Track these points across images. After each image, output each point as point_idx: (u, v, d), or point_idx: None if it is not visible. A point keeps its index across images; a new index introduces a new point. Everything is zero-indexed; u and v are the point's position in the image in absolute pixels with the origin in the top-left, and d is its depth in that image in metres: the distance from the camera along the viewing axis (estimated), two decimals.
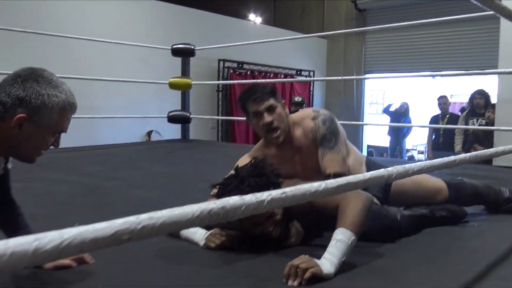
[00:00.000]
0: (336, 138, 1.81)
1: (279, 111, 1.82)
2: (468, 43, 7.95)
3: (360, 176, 0.77)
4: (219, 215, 0.51)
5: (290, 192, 0.61)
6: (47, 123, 1.12)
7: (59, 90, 1.13)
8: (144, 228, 0.44)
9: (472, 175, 3.16)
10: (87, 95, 5.66)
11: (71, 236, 0.39)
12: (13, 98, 1.08)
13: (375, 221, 1.65)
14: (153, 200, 2.42)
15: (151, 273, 1.41)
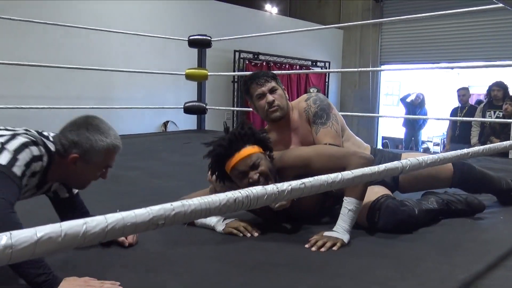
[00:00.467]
0: (328, 114, 1.96)
1: (280, 92, 2.01)
2: (487, 34, 7.84)
3: (375, 168, 0.80)
4: (243, 203, 0.55)
5: (308, 183, 0.65)
6: (95, 161, 1.40)
7: (105, 136, 1.41)
8: (177, 214, 0.49)
9: (488, 167, 3.15)
10: (106, 86, 5.77)
11: (115, 221, 0.44)
12: (70, 142, 1.37)
13: (391, 217, 1.68)
14: (173, 189, 2.48)
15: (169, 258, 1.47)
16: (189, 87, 5.79)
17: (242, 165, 1.64)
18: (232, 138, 1.66)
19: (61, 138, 1.39)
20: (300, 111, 2.02)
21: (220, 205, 0.53)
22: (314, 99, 2.01)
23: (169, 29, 5.99)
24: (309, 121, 1.98)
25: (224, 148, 1.65)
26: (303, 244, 1.57)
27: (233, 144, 1.65)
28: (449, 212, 1.89)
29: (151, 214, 0.47)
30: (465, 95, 6.11)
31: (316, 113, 1.96)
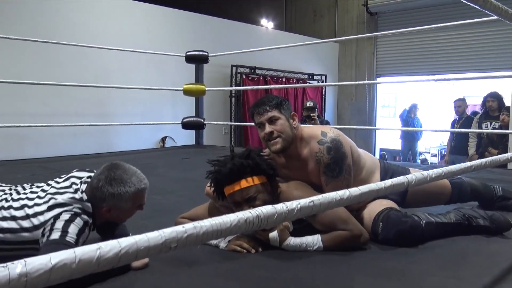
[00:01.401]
0: (341, 167, 1.82)
1: (282, 122, 1.86)
2: (481, 45, 7.90)
3: (381, 184, 0.80)
4: (254, 223, 0.55)
5: (317, 201, 0.65)
6: (126, 207, 1.58)
7: (129, 185, 1.55)
8: (189, 237, 0.48)
9: (486, 178, 3.17)
10: (104, 102, 5.77)
11: (128, 245, 0.44)
12: (98, 199, 1.54)
13: (393, 227, 1.68)
14: (173, 205, 2.47)
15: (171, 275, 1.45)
16: (186, 102, 5.80)
17: (238, 197, 1.66)
18: (233, 168, 1.65)
19: (90, 193, 1.55)
20: (312, 152, 1.86)
21: (231, 226, 0.53)
22: (328, 147, 1.82)
23: (167, 45, 6.03)
24: (319, 166, 1.85)
25: (223, 175, 1.66)
26: (307, 261, 1.56)
27: (232, 175, 1.65)
28: (470, 228, 1.83)
29: (163, 237, 0.47)
30: (461, 106, 6.15)
31: (329, 165, 1.82)
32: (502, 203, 2.26)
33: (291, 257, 1.63)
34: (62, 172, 3.51)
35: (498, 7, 1.13)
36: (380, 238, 1.71)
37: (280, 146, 1.85)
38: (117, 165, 1.60)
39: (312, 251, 1.66)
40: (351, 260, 1.56)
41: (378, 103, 9.64)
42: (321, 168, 1.83)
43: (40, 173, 3.54)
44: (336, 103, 9.76)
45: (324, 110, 9.08)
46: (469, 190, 2.16)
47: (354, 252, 1.63)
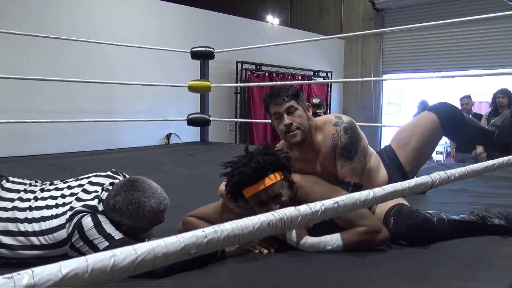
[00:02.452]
0: (356, 148, 1.82)
1: (300, 113, 1.83)
2: (488, 42, 7.83)
3: (405, 184, 0.76)
4: (277, 226, 0.51)
5: (341, 202, 0.61)
6: (145, 227, 1.54)
7: (147, 209, 1.49)
8: (210, 242, 0.45)
9: (496, 176, 3.12)
10: (109, 98, 5.75)
11: (145, 252, 0.40)
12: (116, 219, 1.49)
13: (404, 221, 1.65)
14: (180, 203, 2.43)
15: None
16: (192, 99, 5.77)
17: (264, 195, 1.57)
18: (257, 166, 1.56)
19: (107, 210, 1.51)
20: (327, 135, 1.85)
21: (254, 230, 0.49)
22: (345, 127, 1.83)
23: (172, 41, 5.99)
24: (335, 149, 1.83)
25: (247, 176, 1.56)
26: (320, 262, 1.52)
27: (257, 173, 1.56)
28: (485, 227, 1.78)
29: (182, 242, 0.43)
30: (468, 103, 6.09)
31: (346, 146, 1.81)
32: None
33: (304, 258, 1.59)
34: (66, 169, 3.49)
35: None
36: (391, 233, 1.66)
37: (299, 138, 1.83)
38: (136, 185, 1.51)
39: (327, 250, 1.61)
40: (365, 261, 1.51)
41: (384, 100, 9.58)
42: (338, 150, 1.82)
43: (45, 169, 3.51)
44: (342, 100, 9.71)
45: (330, 107, 9.02)
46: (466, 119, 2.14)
47: (368, 253, 1.58)
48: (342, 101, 9.70)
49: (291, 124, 1.81)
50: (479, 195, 2.64)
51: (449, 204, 2.37)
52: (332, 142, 1.83)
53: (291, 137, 1.83)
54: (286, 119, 1.81)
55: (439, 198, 2.53)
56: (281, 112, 1.82)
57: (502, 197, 2.58)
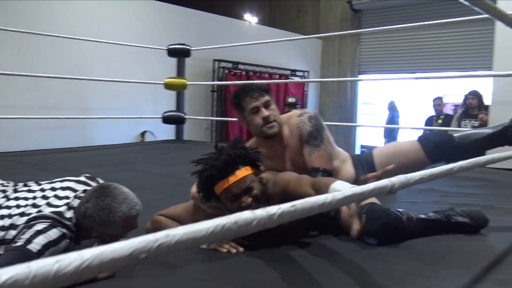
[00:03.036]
0: (322, 136, 1.89)
1: (274, 107, 1.93)
2: (461, 44, 8.00)
3: (365, 187, 0.78)
4: (232, 230, 0.51)
5: (299, 205, 0.62)
6: (117, 233, 1.50)
7: (118, 215, 1.46)
8: (160, 246, 0.45)
9: (465, 176, 3.20)
10: (83, 95, 5.66)
11: (91, 257, 0.40)
12: (86, 226, 1.48)
13: (377, 220, 1.67)
14: (151, 202, 2.41)
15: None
16: (167, 96, 5.73)
17: (236, 188, 1.57)
18: (227, 159, 1.56)
19: (78, 217, 1.49)
20: (292, 127, 1.93)
21: (207, 233, 0.49)
22: (309, 116, 1.92)
23: (148, 38, 5.93)
24: (301, 138, 1.90)
25: (218, 169, 1.56)
26: (290, 260, 1.54)
27: (228, 166, 1.56)
28: (450, 225, 1.83)
29: (131, 247, 0.43)
30: (440, 104, 6.24)
31: (311, 133, 1.88)
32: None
33: (275, 255, 1.60)
34: (38, 167, 3.42)
35: (487, 4, 1.11)
36: (364, 230, 1.69)
37: (276, 129, 1.90)
38: (107, 191, 1.50)
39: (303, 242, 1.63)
40: (334, 259, 1.53)
41: (359, 100, 9.69)
42: (304, 138, 1.88)
43: (15, 167, 3.44)
44: (318, 100, 9.78)
45: (306, 106, 9.08)
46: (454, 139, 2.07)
47: (339, 252, 1.61)
48: (319, 100, 9.77)
49: (269, 116, 1.88)
50: (447, 194, 2.70)
51: (417, 204, 2.42)
52: (297, 132, 1.91)
53: (269, 128, 1.89)
54: (265, 111, 1.88)
55: (408, 197, 2.57)
56: (259, 105, 1.88)
57: (468, 196, 2.65)
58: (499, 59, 4.10)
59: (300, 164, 1.90)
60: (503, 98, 4.09)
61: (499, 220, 2.07)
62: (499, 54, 4.10)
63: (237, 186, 1.57)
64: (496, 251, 1.62)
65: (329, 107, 9.60)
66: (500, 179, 3.23)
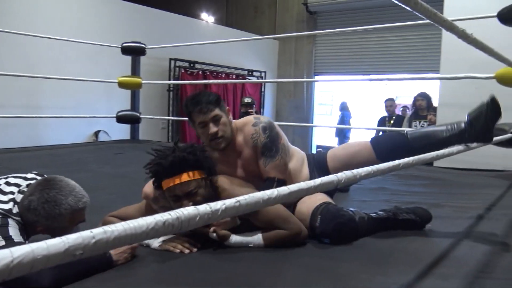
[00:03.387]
0: (277, 146, 1.88)
1: (224, 120, 1.88)
2: (413, 48, 8.27)
3: (311, 183, 0.79)
4: (174, 225, 0.51)
5: (243, 201, 0.62)
6: (64, 226, 1.45)
7: (64, 207, 1.42)
8: (98, 242, 0.44)
9: (414, 175, 3.31)
10: (34, 93, 5.46)
11: (22, 254, 0.38)
12: (31, 219, 1.42)
13: (331, 220, 1.70)
14: (103, 203, 2.36)
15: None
16: (122, 95, 5.61)
17: (179, 190, 1.58)
18: (174, 161, 1.57)
19: (21, 212, 1.43)
20: (246, 136, 1.90)
21: (148, 229, 0.48)
22: (263, 126, 1.89)
23: (102, 35, 5.79)
24: (256, 149, 1.88)
25: (163, 168, 1.58)
26: (242, 260, 1.54)
27: (173, 167, 1.57)
28: (397, 222, 1.90)
29: (66, 244, 0.42)
30: (392, 105, 6.41)
31: (266, 144, 1.86)
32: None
33: (227, 256, 1.60)
34: None
35: (428, 9, 1.16)
36: (318, 231, 1.72)
37: (223, 145, 1.88)
38: (52, 183, 1.45)
39: (252, 247, 1.65)
40: (286, 258, 1.55)
41: (315, 101, 9.83)
42: (259, 149, 1.87)
43: None
44: (275, 100, 9.85)
45: (263, 106, 9.14)
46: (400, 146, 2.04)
47: (291, 250, 1.63)
48: (276, 101, 9.85)
49: (216, 132, 1.84)
50: (396, 193, 2.79)
51: (368, 202, 2.49)
52: (252, 142, 1.88)
53: (215, 144, 1.87)
54: (212, 128, 1.84)
55: (359, 196, 2.64)
56: (206, 120, 1.84)
57: (416, 195, 2.75)
58: (446, 63, 4.27)
59: (252, 172, 1.90)
60: (448, 100, 4.26)
61: (444, 217, 2.16)
62: (445, 57, 4.27)
63: (179, 188, 1.58)
64: (440, 248, 1.69)
65: (286, 107, 9.70)
66: (447, 178, 3.36)
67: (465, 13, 3.61)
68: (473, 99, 4.01)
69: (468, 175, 3.46)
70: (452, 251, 1.66)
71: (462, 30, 1.55)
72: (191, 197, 1.59)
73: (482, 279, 1.39)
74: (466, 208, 2.35)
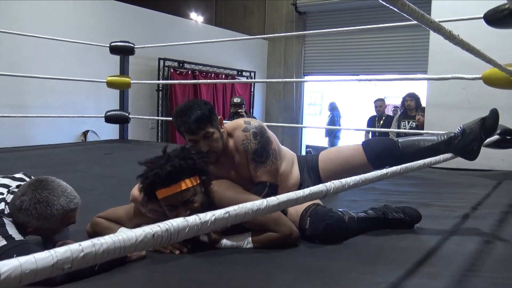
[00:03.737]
0: (268, 152, 1.87)
1: (215, 136, 1.82)
2: (401, 48, 8.32)
3: (300, 193, 0.80)
4: (163, 237, 0.51)
5: (233, 212, 0.62)
6: (55, 227, 1.46)
7: (56, 208, 1.42)
8: (86, 256, 0.44)
9: (404, 175, 3.34)
10: (21, 93, 5.40)
11: (10, 268, 0.38)
12: (22, 220, 1.42)
13: (321, 222, 1.72)
14: (92, 204, 2.34)
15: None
16: (111, 95, 5.58)
17: (175, 200, 1.55)
18: (172, 171, 1.52)
19: (13, 212, 1.43)
20: (237, 141, 1.88)
21: (137, 242, 0.48)
22: (253, 132, 1.87)
23: (90, 34, 5.74)
24: (247, 154, 1.87)
25: (161, 179, 1.53)
26: (231, 260, 1.55)
27: (171, 177, 1.53)
28: (387, 221, 1.92)
29: (55, 257, 0.42)
30: (381, 106, 6.45)
31: (256, 151, 1.85)
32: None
33: (215, 256, 1.60)
34: None
35: (415, 11, 1.17)
36: (307, 233, 1.73)
37: (213, 159, 1.84)
38: (44, 184, 1.44)
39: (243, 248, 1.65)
40: (275, 258, 1.56)
41: (305, 101, 9.87)
42: (249, 155, 1.86)
43: None
44: (265, 100, 9.86)
45: (253, 106, 9.14)
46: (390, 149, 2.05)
47: (281, 250, 1.64)
48: (265, 101, 9.86)
49: (208, 149, 1.80)
50: (385, 193, 2.81)
51: (357, 202, 2.51)
52: (243, 148, 1.87)
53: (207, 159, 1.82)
54: (203, 145, 1.80)
55: (349, 196, 2.66)
56: (197, 139, 1.80)
57: (405, 194, 2.78)
58: (433, 63, 4.30)
59: (244, 175, 1.90)
60: (436, 100, 4.30)
61: (432, 216, 2.18)
62: (433, 58, 4.30)
63: (177, 198, 1.55)
64: (428, 246, 1.71)
65: (275, 107, 9.71)
66: (435, 178, 3.40)
67: (452, 15, 3.64)
68: (460, 99, 4.09)
69: (456, 175, 3.50)
70: (440, 249, 1.68)
71: (449, 31, 1.56)
72: (188, 205, 1.57)
73: (469, 277, 1.41)
74: (454, 207, 2.38)
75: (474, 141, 1.97)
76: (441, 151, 2.00)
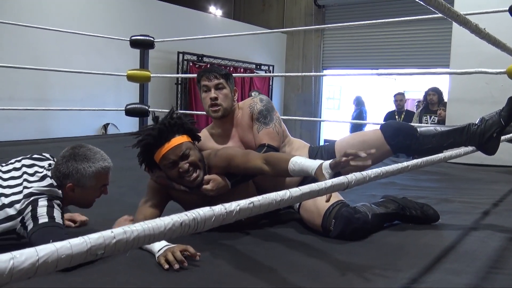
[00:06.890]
0: (271, 116, 1.99)
1: (226, 92, 2.00)
2: (423, 42, 8.19)
3: (322, 184, 0.80)
4: (190, 226, 0.52)
5: (257, 202, 0.63)
6: (89, 185, 1.58)
7: (92, 161, 1.57)
8: (118, 242, 0.45)
9: (423, 170, 3.31)
10: (43, 86, 5.50)
11: (48, 253, 0.40)
12: (62, 174, 1.56)
13: (347, 226, 1.70)
14: (114, 196, 2.38)
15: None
16: (131, 88, 5.63)
17: (172, 155, 1.65)
18: (162, 127, 1.65)
19: (55, 171, 1.56)
20: (245, 107, 2.04)
21: (166, 230, 0.50)
22: (260, 98, 2.04)
23: (111, 28, 5.80)
24: (253, 117, 2.00)
25: (154, 137, 1.65)
26: (252, 253, 1.56)
27: (163, 134, 1.65)
28: (405, 217, 1.93)
29: (89, 243, 0.43)
30: (402, 100, 6.37)
31: (261, 111, 1.98)
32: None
33: (239, 249, 1.61)
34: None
35: (442, 4, 1.15)
36: (332, 235, 1.72)
37: (220, 114, 1.99)
38: (82, 144, 1.62)
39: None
40: (296, 251, 1.57)
41: (323, 95, 9.81)
42: (254, 116, 1.98)
43: None
44: (283, 94, 9.84)
45: (271, 100, 9.11)
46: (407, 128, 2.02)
47: (302, 244, 1.64)
48: (284, 95, 9.83)
49: (216, 98, 1.97)
50: (406, 188, 2.79)
51: (377, 197, 2.48)
52: (249, 110, 2.00)
53: (213, 111, 2.00)
54: (213, 93, 1.97)
55: (369, 190, 2.64)
56: (210, 86, 1.98)
57: (426, 190, 2.76)
58: (455, 57, 4.24)
59: (251, 144, 2.00)
60: (458, 95, 4.24)
61: (454, 212, 2.16)
62: (455, 52, 4.24)
63: (173, 152, 1.65)
64: (449, 242, 1.70)
65: (294, 101, 9.68)
66: (456, 173, 3.36)
67: (476, 7, 3.58)
68: (483, 93, 4.02)
69: (477, 171, 3.45)
70: (463, 245, 1.67)
71: (475, 24, 1.54)
72: (185, 159, 1.66)
73: (494, 274, 1.39)
74: (475, 203, 2.35)
75: (493, 127, 1.95)
76: (458, 137, 1.97)
